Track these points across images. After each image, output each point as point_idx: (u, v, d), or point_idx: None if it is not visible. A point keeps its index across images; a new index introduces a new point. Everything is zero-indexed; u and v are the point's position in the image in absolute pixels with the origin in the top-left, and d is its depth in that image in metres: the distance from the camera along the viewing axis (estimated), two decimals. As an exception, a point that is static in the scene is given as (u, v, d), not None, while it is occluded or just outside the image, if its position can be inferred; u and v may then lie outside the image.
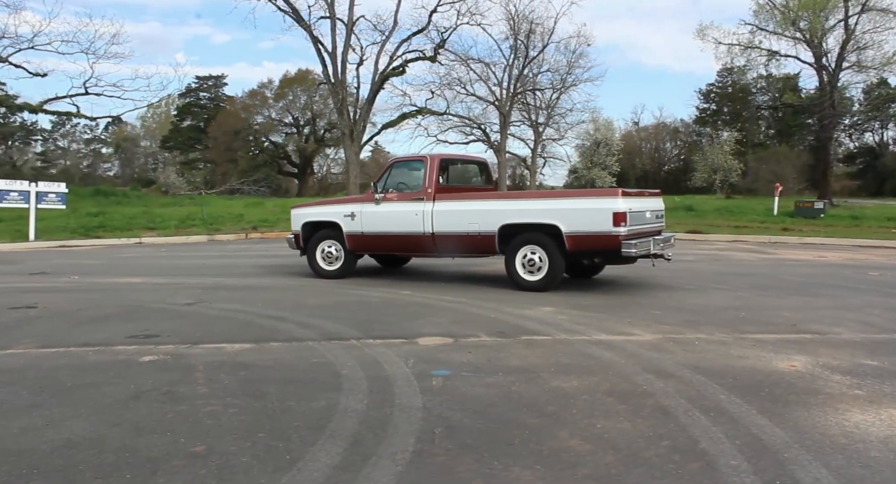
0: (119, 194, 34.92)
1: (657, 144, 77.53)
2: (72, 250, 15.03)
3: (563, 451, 3.25)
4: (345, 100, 31.03)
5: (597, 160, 58.53)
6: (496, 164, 47.89)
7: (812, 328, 5.96)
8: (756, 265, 10.90)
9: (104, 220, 20.17)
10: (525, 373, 4.59)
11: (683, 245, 15.04)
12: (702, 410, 3.79)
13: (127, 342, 5.60)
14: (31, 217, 16.39)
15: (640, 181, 69.72)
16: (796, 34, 32.89)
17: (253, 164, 54.83)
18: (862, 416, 3.72)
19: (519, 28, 50.33)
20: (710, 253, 13.04)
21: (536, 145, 57.72)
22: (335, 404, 3.94)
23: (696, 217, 21.27)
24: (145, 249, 15.20)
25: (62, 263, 12.03)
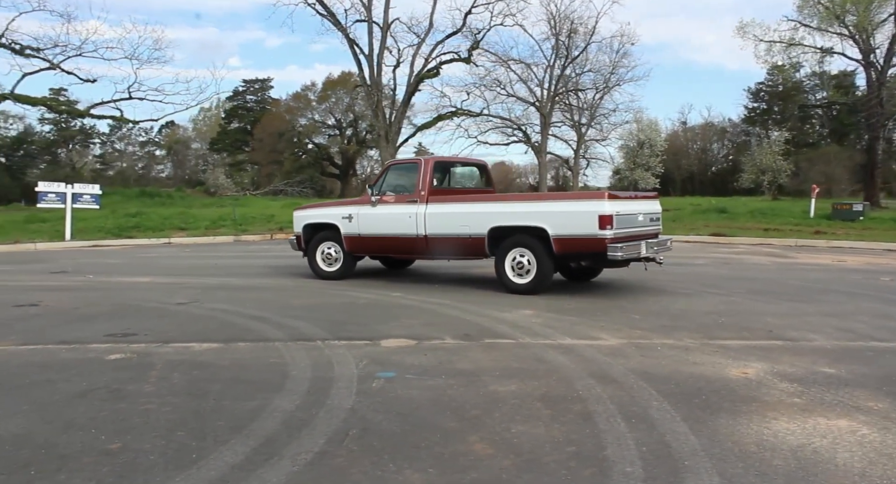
0: (163, 195, 35.92)
1: (704, 145, 75.92)
2: (102, 250, 15.56)
3: (465, 455, 3.27)
4: (380, 102, 31.33)
5: (639, 161, 57.64)
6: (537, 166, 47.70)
7: (787, 335, 5.82)
8: (765, 269, 10.64)
9: (141, 221, 20.79)
10: (468, 376, 4.60)
11: (702, 248, 14.77)
12: (625, 417, 3.75)
13: (103, 340, 5.80)
14: (67, 217, 17.03)
15: (685, 183, 68.53)
16: (842, 30, 31.86)
17: (297, 165, 55.70)
18: (787, 424, 3.64)
19: (560, 28, 50.09)
20: (724, 257, 12.77)
21: (579, 146, 57.16)
22: (267, 405, 4.02)
23: (728, 219, 20.82)
24: (171, 249, 15.63)
25: (86, 262, 12.47)
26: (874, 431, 3.54)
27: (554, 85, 52.17)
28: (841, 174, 49.00)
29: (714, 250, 14.17)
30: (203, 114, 73.92)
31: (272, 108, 58.21)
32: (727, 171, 67.63)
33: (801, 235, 16.64)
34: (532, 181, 63.23)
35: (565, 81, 53.47)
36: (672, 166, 65.11)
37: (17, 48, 28.52)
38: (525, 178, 73.42)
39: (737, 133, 72.79)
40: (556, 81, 52.11)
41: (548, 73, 51.91)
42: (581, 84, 54.73)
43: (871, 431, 3.55)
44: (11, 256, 14.52)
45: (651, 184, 56.88)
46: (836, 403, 4.00)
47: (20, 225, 20.31)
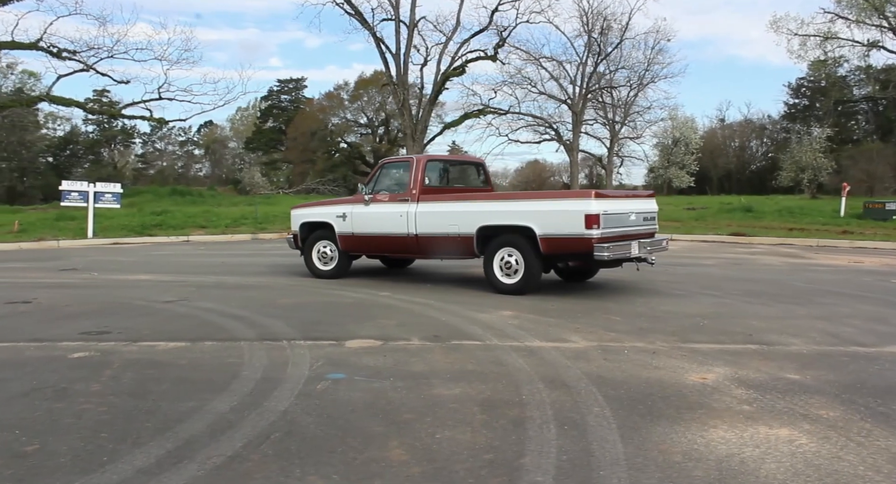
0: (194, 194, 36.49)
1: (742, 142, 74.34)
2: (120, 248, 15.83)
3: (377, 461, 3.19)
4: (406, 100, 31.35)
5: (674, 159, 56.68)
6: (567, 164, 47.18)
7: (766, 338, 5.61)
8: (773, 271, 10.32)
9: (165, 219, 21.12)
10: (418, 379, 4.52)
11: (717, 248, 14.43)
12: (559, 423, 3.64)
13: (75, 338, 5.85)
14: (89, 215, 17.38)
15: (722, 181, 67.23)
16: (882, 22, 30.85)
17: (329, 164, 56.11)
18: (724, 433, 3.48)
19: (593, 25, 49.53)
20: (736, 257, 12.44)
21: (613, 144, 56.47)
22: (203, 406, 3.99)
23: (753, 218, 20.30)
24: (186, 248, 15.84)
25: (98, 260, 12.69)
26: (813, 440, 3.37)
27: (586, 82, 51.70)
28: (885, 172, 47.51)
29: (729, 250, 13.82)
30: (240, 113, 75.11)
31: (306, 107, 58.71)
32: (766, 170, 66.06)
33: (827, 235, 16.14)
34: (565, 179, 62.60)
35: (598, 79, 52.93)
36: (708, 164, 63.88)
37: (55, 51, 29.26)
38: (559, 176, 72.78)
39: (776, 130, 71.11)
40: (588, 79, 51.66)
41: (580, 70, 51.48)
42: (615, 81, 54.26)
43: (809, 440, 3.38)
44: (33, 253, 14.88)
45: (686, 182, 55.99)
46: (786, 410, 3.82)
47: (50, 223, 20.77)
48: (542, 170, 74.93)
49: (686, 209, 24.08)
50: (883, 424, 3.59)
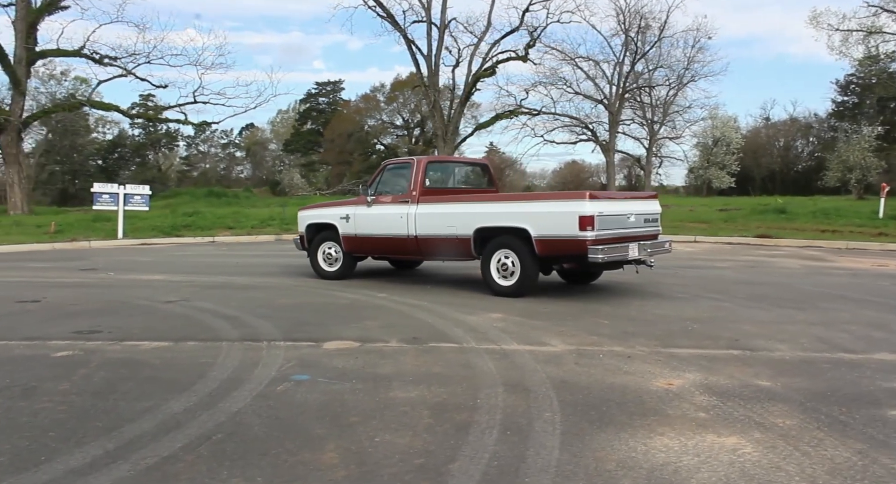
0: (230, 195, 37.13)
1: (787, 142, 72.48)
2: (147, 248, 16.19)
3: (306, 464, 3.19)
4: (437, 101, 31.44)
5: (714, 159, 55.58)
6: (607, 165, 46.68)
7: (752, 344, 5.46)
8: (788, 274, 10.03)
9: (195, 220, 21.51)
10: (380, 381, 4.51)
11: (739, 250, 14.10)
12: (503, 429, 3.59)
13: (67, 337, 5.98)
14: (119, 217, 17.81)
15: (766, 181, 65.63)
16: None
17: (366, 165, 56.49)
18: (669, 441, 3.39)
19: (630, 23, 48.93)
20: (754, 260, 12.13)
21: (651, 144, 55.71)
22: (160, 406, 4.04)
23: (786, 220, 19.77)
24: (209, 248, 16.11)
25: (120, 260, 12.99)
26: (758, 450, 3.27)
27: (623, 82, 51.10)
28: (937, 171, 45.76)
29: (750, 252, 13.50)
30: (280, 116, 76.19)
31: (342, 109, 59.27)
32: (812, 170, 64.28)
33: (859, 238, 15.64)
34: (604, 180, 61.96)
35: (635, 78, 52.28)
36: (751, 165, 62.36)
37: (97, 58, 30.11)
38: (597, 177, 72.00)
39: (823, 129, 69.13)
40: (625, 78, 51.06)
41: (616, 69, 50.94)
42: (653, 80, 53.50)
43: (754, 450, 3.27)
44: (63, 253, 15.29)
45: (726, 183, 54.90)
46: (742, 419, 3.71)
47: (87, 224, 21.33)
48: (580, 170, 74.25)
49: (718, 211, 23.58)
50: (837, 434, 3.46)
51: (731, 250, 14.03)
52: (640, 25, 48.93)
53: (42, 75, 46.66)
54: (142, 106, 55.83)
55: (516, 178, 74.69)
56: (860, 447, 3.29)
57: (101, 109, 32.78)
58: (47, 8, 28.72)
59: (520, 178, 75.43)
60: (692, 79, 52.94)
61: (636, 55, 50.50)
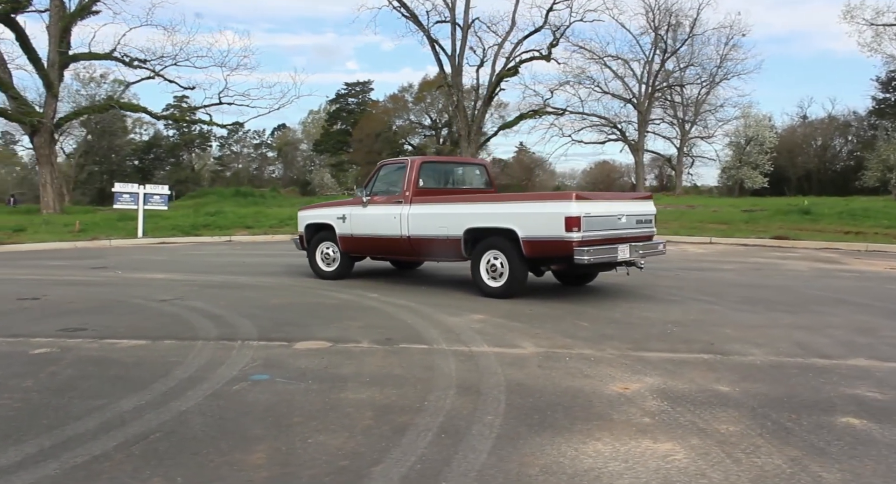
0: (256, 195, 37.53)
1: (825, 141, 70.82)
2: (163, 247, 16.46)
3: (232, 464, 3.20)
4: (461, 102, 31.42)
5: (746, 159, 54.59)
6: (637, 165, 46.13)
7: (727, 348, 5.35)
8: (791, 277, 9.80)
9: (216, 220, 21.81)
10: (336, 382, 4.52)
11: (751, 252, 13.84)
12: (440, 432, 3.57)
13: (51, 334, 6.09)
14: (139, 216, 18.14)
15: (801, 181, 64.25)
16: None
17: (394, 165, 56.74)
18: (603, 446, 3.34)
19: (660, 21, 48.37)
20: (763, 262, 11.88)
21: (683, 144, 55.00)
22: (110, 404, 4.09)
23: (809, 221, 19.29)
24: (223, 248, 16.32)
25: (134, 259, 13.23)
26: (689, 456, 3.20)
27: (653, 80, 50.54)
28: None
29: (762, 254, 13.23)
30: (311, 116, 76.91)
31: (371, 109, 59.60)
32: (850, 170, 62.72)
33: (884, 240, 15.23)
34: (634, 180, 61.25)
35: (666, 76, 51.67)
36: (786, 164, 61.02)
37: (127, 60, 30.72)
38: (628, 177, 71.24)
39: (863, 127, 67.41)
40: (654, 77, 50.50)
41: (646, 68, 50.43)
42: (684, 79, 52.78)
43: (686, 456, 3.20)
44: (83, 251, 15.63)
45: (759, 183, 53.92)
46: (686, 424, 3.64)
47: (112, 223, 21.75)
48: (610, 170, 73.56)
49: (743, 211, 23.14)
50: (777, 441, 3.37)
51: (744, 252, 13.77)
52: (669, 23, 48.43)
53: (83, 78, 47.94)
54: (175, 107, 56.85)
55: (546, 179, 74.30)
56: (795, 455, 3.20)
57: (129, 110, 33.49)
58: (80, 13, 29.37)
59: (549, 178, 75.03)
60: (725, 77, 52.25)
61: (666, 53, 49.98)
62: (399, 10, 31.65)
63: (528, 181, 67.21)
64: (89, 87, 51.18)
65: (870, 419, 3.69)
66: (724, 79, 52.20)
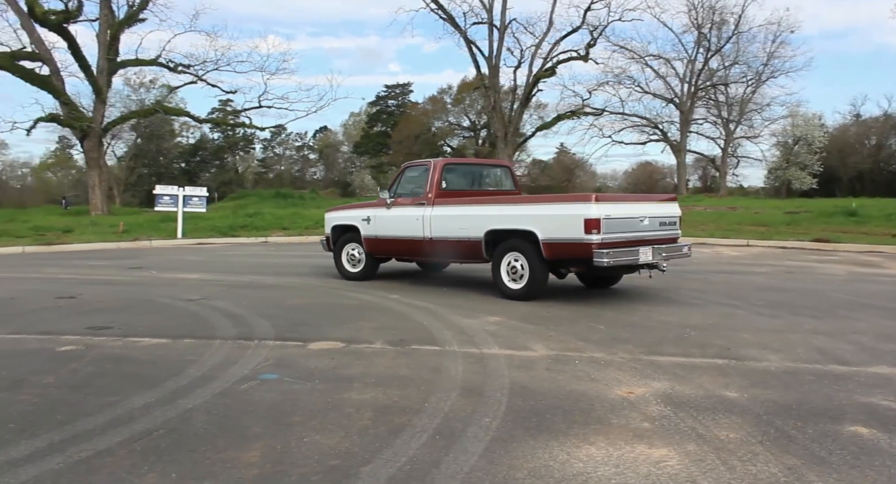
0: (296, 196, 37.98)
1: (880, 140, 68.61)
2: (201, 248, 16.80)
3: (227, 462, 3.26)
4: (497, 103, 31.37)
5: (794, 159, 53.25)
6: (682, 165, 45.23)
7: (742, 353, 5.24)
8: (824, 281, 9.52)
9: (253, 221, 22.18)
10: (342, 382, 4.56)
11: (789, 255, 13.52)
12: (435, 433, 3.58)
13: (79, 332, 6.27)
14: (178, 218, 18.55)
15: (854, 182, 62.41)
16: None
17: (433, 167, 56.90)
18: (597, 451, 3.31)
19: (703, 19, 47.52)
20: (798, 265, 11.59)
21: (727, 144, 53.90)
22: (122, 401, 4.19)
23: (854, 223, 18.75)
24: (258, 248, 16.58)
25: (170, 259, 13.54)
26: (683, 463, 3.15)
27: (695, 79, 49.71)
28: None
29: (798, 258, 12.90)
30: (352, 118, 77.65)
31: (410, 111, 59.90)
32: (907, 170, 60.70)
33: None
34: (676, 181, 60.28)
35: (710, 75, 50.74)
36: (837, 164, 59.24)
37: (172, 66, 31.49)
38: (671, 178, 70.15)
39: (922, 125, 65.00)
40: (697, 76, 49.66)
41: (688, 67, 49.60)
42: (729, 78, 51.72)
43: (679, 463, 3.16)
44: (124, 252, 16.05)
45: (808, 184, 52.60)
46: (685, 430, 3.58)
47: (154, 224, 22.26)
48: (653, 171, 72.51)
49: (786, 213, 22.61)
50: (777, 449, 3.30)
51: (781, 255, 13.46)
52: (713, 20, 47.56)
53: (133, 84, 49.29)
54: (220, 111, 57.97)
55: (587, 180, 73.66)
56: (793, 463, 3.13)
57: (172, 114, 34.24)
58: (127, 21, 30.19)
59: (590, 179, 74.37)
60: (772, 75, 51.06)
61: (709, 51, 49.09)
62: (436, 13, 31.79)
63: (569, 182, 66.71)
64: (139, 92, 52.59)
65: (880, 428, 3.58)
66: (770, 77, 51.05)
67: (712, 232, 17.30)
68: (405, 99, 64.10)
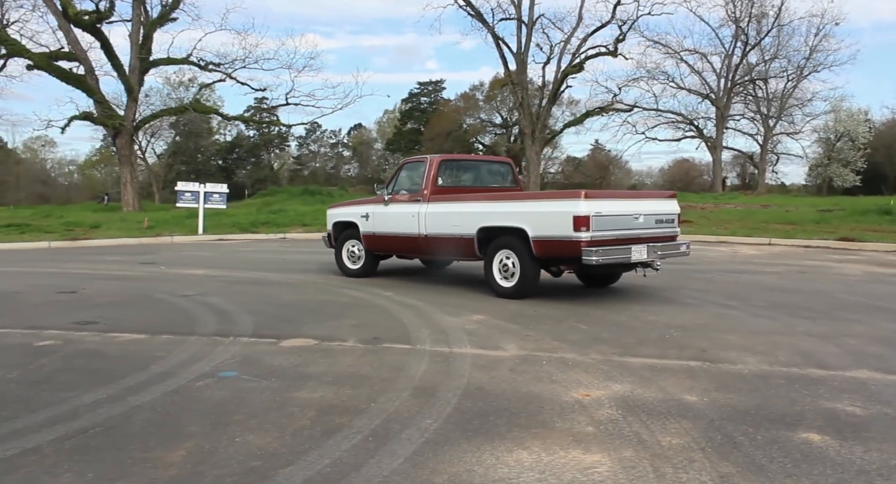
0: (324, 193, 38.18)
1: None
2: (219, 244, 16.96)
3: (149, 462, 3.20)
4: (525, 99, 31.12)
5: (836, 156, 51.79)
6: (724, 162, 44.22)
7: (719, 356, 5.05)
8: (836, 281, 9.16)
9: (276, 217, 22.35)
10: (299, 380, 4.50)
11: (809, 254, 13.11)
12: (369, 435, 3.49)
13: (64, 327, 6.32)
14: (199, 214, 18.76)
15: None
16: None
17: (464, 164, 56.75)
18: (528, 456, 3.19)
19: (741, 12, 46.49)
20: (814, 265, 11.19)
21: (766, 141, 52.65)
22: (73, 397, 4.17)
23: (889, 222, 18.07)
24: (275, 245, 16.68)
25: (184, 255, 13.69)
26: (612, 470, 3.03)
27: (732, 75, 48.67)
28: None
29: (818, 257, 12.48)
30: (386, 115, 77.94)
31: (442, 108, 59.85)
32: (959, 167, 58.45)
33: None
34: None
35: (748, 70, 49.61)
36: (883, 161, 57.30)
37: (202, 64, 31.93)
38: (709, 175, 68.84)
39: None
40: (734, 71, 48.61)
41: (725, 62, 48.59)
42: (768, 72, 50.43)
43: (609, 469, 3.03)
44: (144, 247, 16.27)
45: (850, 181, 51.17)
46: (628, 435, 3.44)
47: (180, 220, 22.58)
48: (689, 168, 71.26)
49: (819, 211, 21.97)
50: (716, 456, 3.15)
51: (801, 254, 13.04)
52: (751, 13, 46.50)
53: (173, 82, 50.16)
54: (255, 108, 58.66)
55: (622, 177, 72.83)
56: (728, 471, 2.98)
57: (201, 112, 34.71)
58: (160, 21, 30.69)
59: (625, 176, 73.50)
60: (814, 69, 49.65)
61: (747, 46, 48.01)
62: (464, 9, 31.64)
63: (603, 179, 66.00)
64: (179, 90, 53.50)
65: (834, 435, 3.39)
66: (812, 71, 49.62)
67: (735, 230, 16.88)
68: (437, 96, 64.12)
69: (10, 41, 28.40)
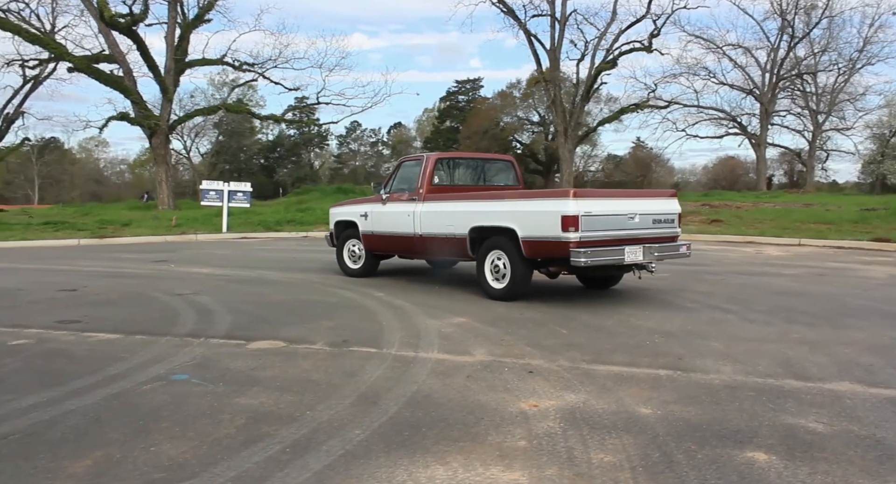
0: (357, 192, 38.31)
1: None
2: (240, 242, 17.07)
3: (53, 471, 3.09)
4: (557, 96, 30.67)
5: (890, 152, 49.85)
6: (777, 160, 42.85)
7: (694, 364, 4.76)
8: (854, 285, 8.67)
9: (302, 216, 22.43)
10: (246, 385, 4.37)
11: (834, 256, 12.55)
12: (290, 446, 3.34)
13: (45, 326, 6.32)
14: (223, 212, 18.91)
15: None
16: None
17: (501, 162, 56.35)
18: (445, 472, 3.00)
19: (788, 4, 45.05)
20: (837, 267, 10.67)
21: (815, 137, 50.97)
22: (10, 401, 4.08)
23: (928, 221, 17.27)
24: (293, 243, 16.70)
25: (200, 253, 13.78)
26: (521, 494, 2.80)
27: (778, 69, 47.21)
28: None
29: (845, 258, 11.93)
30: (426, 114, 78.00)
31: (479, 106, 59.57)
32: None
33: None
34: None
35: (795, 64, 48.06)
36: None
37: (237, 64, 32.31)
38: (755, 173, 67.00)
39: None
40: (779, 65, 47.16)
41: (770, 56, 47.18)
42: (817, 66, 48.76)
43: (518, 493, 2.80)
44: (166, 245, 16.45)
45: (903, 178, 49.16)
46: (560, 451, 3.22)
47: (209, 218, 22.75)
48: (735, 166, 69.47)
49: (861, 210, 21.10)
50: (646, 476, 2.92)
51: (829, 255, 12.49)
52: (798, 5, 45.01)
53: (217, 83, 51.01)
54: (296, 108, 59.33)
55: (664, 175, 71.45)
56: (649, 498, 2.73)
57: (234, 112, 35.13)
58: (195, 23, 31.11)
59: (667, 174, 72.13)
60: (868, 62, 47.80)
61: (794, 39, 46.48)
62: (497, 6, 31.34)
63: (644, 178, 64.86)
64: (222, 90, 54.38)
65: (783, 455, 3.12)
66: (866, 64, 47.75)
67: (764, 230, 16.29)
68: (475, 94, 63.84)
69: (52, 45, 29.13)
